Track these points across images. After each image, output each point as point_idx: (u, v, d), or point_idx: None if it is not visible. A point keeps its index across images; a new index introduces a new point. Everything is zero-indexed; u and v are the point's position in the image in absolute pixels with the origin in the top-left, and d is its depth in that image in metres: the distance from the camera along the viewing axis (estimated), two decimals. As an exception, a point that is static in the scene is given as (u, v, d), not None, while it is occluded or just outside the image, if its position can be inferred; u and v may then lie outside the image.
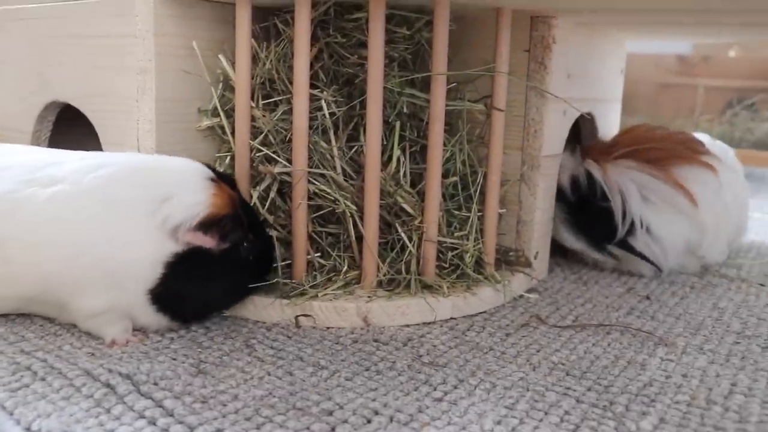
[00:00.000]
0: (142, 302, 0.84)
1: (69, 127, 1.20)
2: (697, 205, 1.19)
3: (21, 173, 0.85)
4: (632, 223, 1.18)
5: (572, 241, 1.25)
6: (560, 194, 1.23)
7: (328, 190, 0.97)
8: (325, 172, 0.98)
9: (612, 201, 1.19)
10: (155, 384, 0.74)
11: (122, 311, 0.85)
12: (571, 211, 1.24)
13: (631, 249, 1.20)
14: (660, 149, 1.25)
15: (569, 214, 1.24)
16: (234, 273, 0.88)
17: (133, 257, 0.81)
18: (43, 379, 0.74)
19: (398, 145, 1.02)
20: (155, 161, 0.89)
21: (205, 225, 0.83)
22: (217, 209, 0.84)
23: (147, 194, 0.83)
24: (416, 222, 1.00)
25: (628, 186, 1.19)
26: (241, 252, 0.87)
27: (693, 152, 1.27)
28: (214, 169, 0.89)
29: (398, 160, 1.01)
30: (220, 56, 1.03)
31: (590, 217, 1.22)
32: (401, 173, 1.01)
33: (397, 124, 1.02)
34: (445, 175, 1.04)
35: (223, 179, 0.89)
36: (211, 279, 0.86)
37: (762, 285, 1.20)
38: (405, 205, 0.99)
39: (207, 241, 0.83)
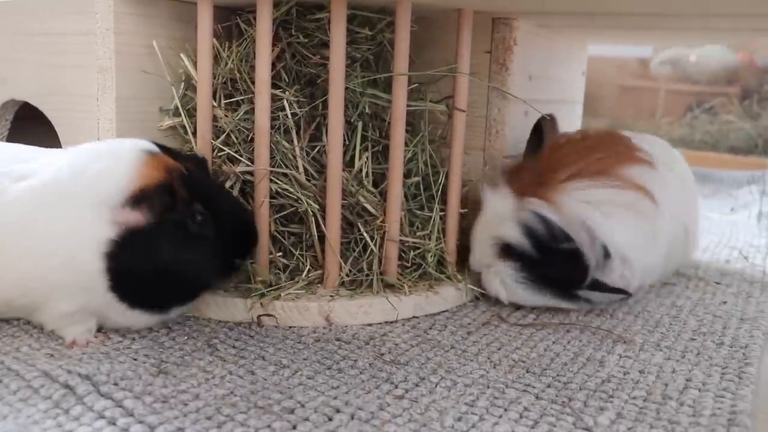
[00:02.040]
0: (109, 298, 0.81)
1: (28, 126, 1.18)
2: (657, 204, 1.03)
3: None
4: (605, 254, 0.98)
5: (534, 299, 1.02)
6: (510, 251, 1.00)
7: (291, 189, 0.97)
8: (287, 171, 0.98)
9: (576, 239, 0.96)
10: (115, 384, 0.73)
11: (94, 311, 0.83)
12: (531, 266, 1.00)
13: (604, 287, 1.00)
14: (604, 156, 1.05)
15: (528, 271, 1.00)
16: (184, 250, 0.82)
17: (83, 248, 0.79)
18: (-1, 381, 0.73)
19: (360, 145, 1.02)
20: (96, 146, 0.86)
21: (135, 199, 0.78)
22: (145, 181, 0.79)
23: (87, 181, 0.80)
24: (378, 222, 1.00)
25: (588, 213, 0.97)
26: (190, 227, 0.82)
27: (630, 149, 1.10)
28: (162, 146, 0.85)
29: (360, 160, 1.01)
30: (182, 55, 1.03)
31: (555, 266, 0.98)
32: (363, 173, 1.01)
33: (360, 125, 1.02)
34: (407, 175, 1.05)
35: (175, 154, 0.85)
36: (159, 259, 0.80)
37: (718, 283, 1.23)
38: (367, 205, 1.00)
39: (137, 218, 0.78)
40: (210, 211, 0.83)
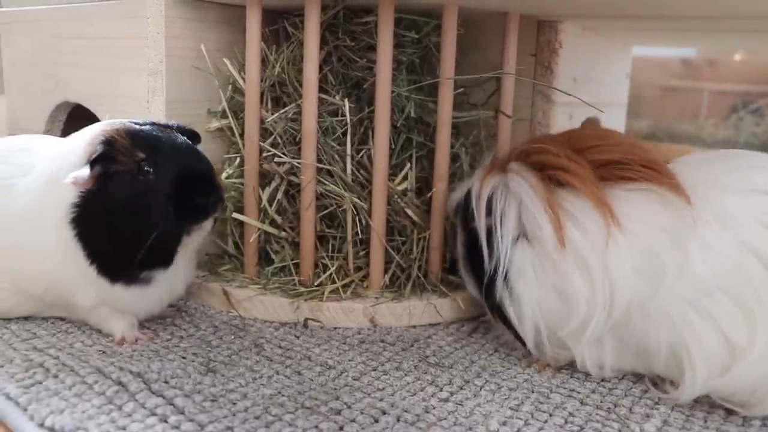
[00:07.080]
0: (90, 272, 0.82)
1: (80, 127, 1.21)
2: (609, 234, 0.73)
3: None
4: (497, 264, 0.80)
5: (466, 282, 0.91)
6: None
7: (338, 189, 0.98)
8: (332, 168, 0.98)
9: (477, 220, 0.83)
10: (166, 382, 0.75)
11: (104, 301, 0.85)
12: (465, 242, 0.89)
13: (489, 298, 0.83)
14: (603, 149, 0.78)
15: (463, 245, 0.90)
16: (138, 196, 0.80)
17: (64, 229, 0.81)
18: (55, 376, 0.75)
19: (406, 150, 1.02)
20: (80, 131, 0.87)
21: (85, 164, 0.79)
22: (92, 145, 0.80)
23: (61, 165, 0.81)
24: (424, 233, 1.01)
25: (507, 204, 0.80)
26: (146, 176, 0.80)
27: (654, 166, 0.76)
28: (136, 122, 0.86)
29: (406, 167, 1.02)
30: (225, 60, 1.04)
31: (469, 244, 0.87)
32: (408, 182, 1.01)
33: (406, 130, 1.02)
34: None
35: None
36: (116, 208, 0.80)
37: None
38: (410, 213, 1.00)
39: (87, 177, 0.78)
40: (160, 158, 0.81)
